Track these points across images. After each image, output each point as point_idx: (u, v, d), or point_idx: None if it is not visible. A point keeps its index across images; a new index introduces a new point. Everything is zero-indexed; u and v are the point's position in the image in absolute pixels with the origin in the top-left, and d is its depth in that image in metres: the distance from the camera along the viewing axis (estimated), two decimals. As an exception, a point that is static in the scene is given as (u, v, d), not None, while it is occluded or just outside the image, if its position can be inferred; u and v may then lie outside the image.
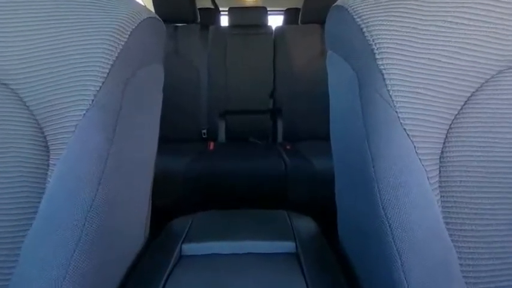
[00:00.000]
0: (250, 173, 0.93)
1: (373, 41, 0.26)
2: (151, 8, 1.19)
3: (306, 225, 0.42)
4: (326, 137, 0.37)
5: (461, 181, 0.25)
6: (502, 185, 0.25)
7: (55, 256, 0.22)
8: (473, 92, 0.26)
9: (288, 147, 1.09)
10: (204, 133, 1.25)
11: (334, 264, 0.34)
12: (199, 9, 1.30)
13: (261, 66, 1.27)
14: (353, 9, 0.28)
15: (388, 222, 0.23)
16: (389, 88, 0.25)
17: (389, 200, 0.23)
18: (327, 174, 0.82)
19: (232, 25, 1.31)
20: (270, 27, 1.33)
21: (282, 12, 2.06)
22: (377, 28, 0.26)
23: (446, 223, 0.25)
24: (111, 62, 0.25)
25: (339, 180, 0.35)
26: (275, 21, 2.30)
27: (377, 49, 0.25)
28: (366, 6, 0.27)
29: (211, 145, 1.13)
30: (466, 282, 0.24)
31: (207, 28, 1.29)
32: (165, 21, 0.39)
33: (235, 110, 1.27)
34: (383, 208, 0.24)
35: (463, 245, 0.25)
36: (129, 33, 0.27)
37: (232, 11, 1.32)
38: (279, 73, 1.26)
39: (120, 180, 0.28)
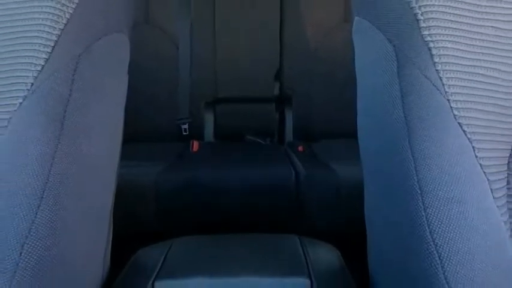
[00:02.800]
0: (248, 185, 0.92)
1: (417, 6, 0.26)
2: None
3: (324, 255, 0.43)
4: (352, 135, 0.38)
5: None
6: None
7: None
8: None
9: (300, 148, 1.10)
10: (185, 129, 1.24)
11: None
12: None
13: (262, 36, 1.27)
14: None
15: (437, 252, 0.24)
16: (438, 68, 0.25)
17: (438, 219, 0.24)
18: (354, 186, 0.82)
19: None
20: None
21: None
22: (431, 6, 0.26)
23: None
24: (56, 33, 0.26)
25: (370, 195, 0.35)
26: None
27: (422, 17, 0.26)
28: None
29: (195, 145, 1.13)
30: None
31: None
32: None
33: (228, 98, 1.27)
34: (430, 232, 0.24)
35: None
36: None
37: None
38: (287, 46, 1.26)
39: (69, 195, 0.29)
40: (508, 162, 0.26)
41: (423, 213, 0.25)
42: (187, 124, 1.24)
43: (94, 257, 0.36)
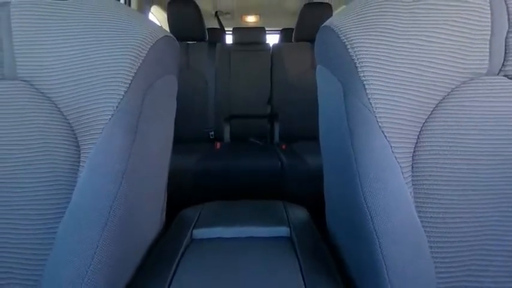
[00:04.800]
0: (251, 170, 0.92)
1: (356, 57, 0.26)
2: (167, 28, 1.20)
3: (299, 213, 0.43)
4: (317, 138, 0.37)
5: (430, 176, 0.26)
6: (465, 179, 0.25)
7: (82, 243, 0.22)
8: (441, 99, 0.27)
9: (283, 147, 1.09)
10: (211, 135, 1.25)
11: (322, 247, 0.34)
12: (208, 29, 1.31)
13: (260, 77, 1.28)
14: (338, 28, 0.28)
15: (369, 211, 0.23)
16: (369, 97, 0.25)
17: (369, 191, 0.24)
18: (317, 171, 0.82)
19: (236, 43, 1.32)
20: (268, 44, 1.33)
21: (278, 32, 2.07)
22: (359, 46, 0.26)
23: (418, 211, 0.25)
24: (132, 74, 0.26)
25: (327, 175, 0.35)
26: (273, 39, 2.30)
27: (359, 63, 0.26)
28: (349, 27, 0.28)
29: (218, 145, 1.13)
30: (434, 262, 0.24)
31: (215, 45, 1.29)
32: (178, 39, 0.39)
33: (238, 115, 1.27)
34: (364, 199, 0.24)
35: (432, 230, 0.25)
36: (147, 49, 0.27)
37: (236, 31, 1.33)
38: (275, 83, 1.27)
39: (140, 175, 0.29)
40: (412, 155, 0.26)
41: (360, 187, 0.24)
42: (213, 131, 1.25)
43: (156, 214, 0.36)
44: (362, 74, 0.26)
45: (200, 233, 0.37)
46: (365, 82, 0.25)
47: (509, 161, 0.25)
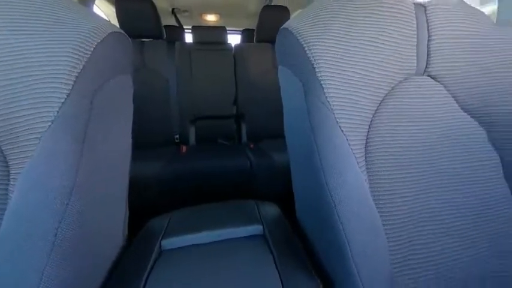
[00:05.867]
0: (220, 171, 0.90)
1: (313, 58, 0.27)
2: (116, 24, 1.08)
3: (270, 210, 0.43)
4: (283, 136, 0.38)
5: (381, 164, 0.29)
6: (406, 164, 0.30)
7: (24, 271, 0.19)
8: (384, 96, 0.30)
9: (251, 146, 1.10)
10: (176, 138, 1.18)
11: (294, 239, 0.36)
12: (165, 26, 1.23)
13: (224, 78, 1.26)
14: (296, 31, 0.30)
15: (333, 200, 0.25)
16: (327, 95, 0.27)
17: (332, 182, 0.25)
18: (285, 167, 0.85)
19: (196, 42, 1.27)
20: (229, 44, 1.32)
21: (239, 32, 2.07)
22: (315, 48, 0.28)
23: (373, 195, 0.28)
24: (75, 74, 0.22)
25: (294, 171, 0.36)
26: (233, 39, 2.30)
27: (316, 65, 0.27)
28: (306, 29, 0.29)
29: (184, 148, 1.08)
30: (388, 239, 0.28)
31: (173, 44, 1.22)
32: (130, 36, 0.36)
33: (204, 116, 1.23)
34: (328, 189, 0.25)
35: (384, 211, 0.28)
36: (94, 46, 0.24)
37: (195, 30, 1.28)
38: (239, 83, 1.27)
39: (94, 188, 0.25)
40: (365, 146, 0.29)
41: (323, 177, 0.26)
42: (178, 134, 1.18)
43: (116, 229, 0.33)
44: (319, 75, 0.27)
45: (170, 243, 0.35)
46: (322, 82, 0.27)
47: (436, 146, 0.31)
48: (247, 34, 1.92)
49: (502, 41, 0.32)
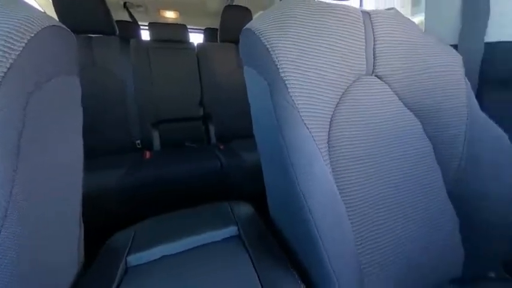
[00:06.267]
0: (190, 175, 0.86)
1: (277, 59, 0.28)
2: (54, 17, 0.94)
3: (244, 210, 0.43)
4: (252, 135, 0.38)
5: (342, 157, 0.32)
6: (364, 155, 0.33)
7: None
8: (342, 95, 0.33)
9: (221, 147, 1.08)
10: (138, 143, 1.08)
11: (269, 236, 0.36)
12: (117, 22, 1.11)
13: (187, 78, 1.21)
14: (260, 32, 0.30)
15: (303, 194, 0.27)
16: (291, 95, 0.28)
17: (301, 177, 0.27)
18: (256, 166, 0.85)
19: (155, 40, 1.19)
20: (192, 43, 1.27)
21: (202, 31, 2.01)
22: (278, 49, 0.29)
23: (338, 187, 0.30)
24: (1, 74, 0.19)
25: (265, 168, 0.37)
26: (196, 38, 2.22)
27: (280, 65, 0.28)
28: (269, 31, 0.30)
29: (148, 154, 1.00)
30: (352, 225, 0.30)
31: (128, 41, 1.12)
32: (75, 31, 0.31)
33: (168, 119, 1.16)
34: (298, 184, 0.27)
35: (348, 199, 0.31)
36: (25, 40, 0.20)
37: (153, 26, 1.19)
38: (205, 84, 1.23)
39: (36, 209, 0.21)
40: (327, 142, 0.31)
41: (294, 175, 0.27)
42: (139, 139, 1.09)
43: (68, 253, 0.28)
44: (283, 75, 0.28)
45: (137, 258, 0.32)
46: (286, 82, 0.28)
47: (385, 137, 0.35)
48: (210, 33, 1.88)
49: (428, 47, 0.38)
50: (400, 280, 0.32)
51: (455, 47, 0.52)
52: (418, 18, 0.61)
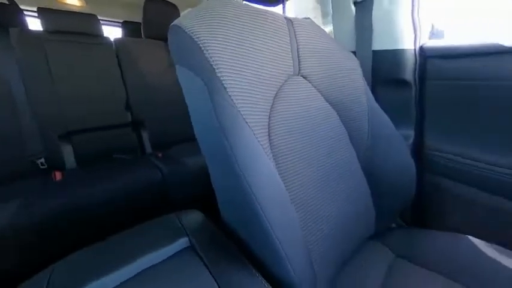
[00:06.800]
0: (125, 192, 0.74)
1: (211, 59, 0.28)
2: None
3: (194, 218, 0.41)
4: (193, 138, 0.37)
5: (282, 150, 0.35)
6: (299, 146, 0.37)
7: None
8: (276, 93, 0.36)
9: (159, 155, 0.98)
10: (41, 163, 0.84)
11: (222, 239, 0.36)
12: None
13: (105, 79, 1.02)
14: (191, 30, 0.29)
15: (250, 188, 0.27)
16: (230, 94, 0.29)
17: (248, 173, 0.28)
18: (201, 169, 0.81)
19: (53, 30, 0.94)
20: (108, 38, 1.08)
21: (119, 24, 1.74)
22: (212, 48, 0.29)
23: (280, 175, 0.33)
24: None
25: (212, 169, 0.36)
26: (111, 32, 1.89)
27: (215, 65, 0.28)
28: (201, 29, 0.29)
29: (58, 175, 0.79)
30: (295, 206, 0.34)
31: (6, 30, 0.84)
32: None
33: (84, 129, 0.95)
34: (245, 179, 0.27)
35: (291, 187, 0.34)
36: None
37: (44, 13, 0.94)
38: (130, 85, 1.07)
39: None
40: (268, 136, 0.33)
41: (238, 167, 0.28)
42: (43, 158, 0.84)
43: None
44: (220, 75, 0.28)
45: None
46: (223, 81, 0.28)
47: (314, 129, 0.40)
48: (131, 28, 1.64)
49: (338, 52, 0.47)
50: (333, 247, 0.38)
51: (354, 53, 0.66)
52: (328, 28, 0.73)
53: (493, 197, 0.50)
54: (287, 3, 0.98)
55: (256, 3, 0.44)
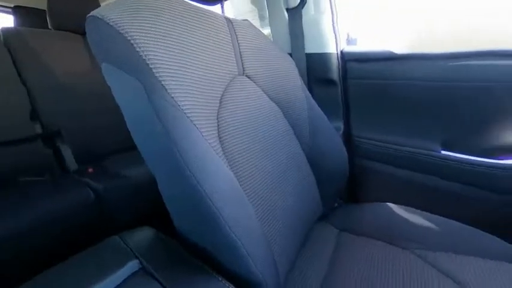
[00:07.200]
0: (51, 221, 0.59)
1: (146, 57, 0.26)
2: None
3: (142, 236, 0.37)
4: (131, 147, 0.33)
5: (235, 148, 0.35)
6: (250, 143, 0.38)
7: None
8: (223, 93, 0.36)
9: (90, 170, 0.82)
10: None
11: (179, 252, 0.33)
12: None
13: (2, 87, 0.77)
14: (117, 25, 0.25)
15: (204, 191, 0.27)
16: (172, 95, 0.27)
17: (197, 173, 0.26)
18: (145, 179, 0.73)
19: None
20: None
21: (9, 10, 1.35)
22: (145, 45, 0.26)
23: (235, 174, 0.33)
24: None
25: (159, 178, 0.33)
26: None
27: (151, 65, 0.26)
28: (131, 24, 0.26)
29: None
30: (251, 201, 0.34)
31: None
32: None
33: None
34: (197, 182, 0.26)
35: (244, 181, 0.34)
36: None
37: None
38: (36, 89, 0.84)
39: None
40: (218, 134, 0.32)
41: (187, 169, 0.26)
42: None
43: None
44: (158, 75, 0.26)
45: None
46: (163, 82, 0.26)
47: (262, 127, 0.42)
48: (31, 16, 1.30)
49: (278, 53, 0.50)
50: (290, 235, 0.41)
51: (290, 54, 0.72)
52: (266, 31, 0.77)
53: (405, 171, 0.64)
54: (225, 4, 0.98)
55: (193, 0, 0.42)
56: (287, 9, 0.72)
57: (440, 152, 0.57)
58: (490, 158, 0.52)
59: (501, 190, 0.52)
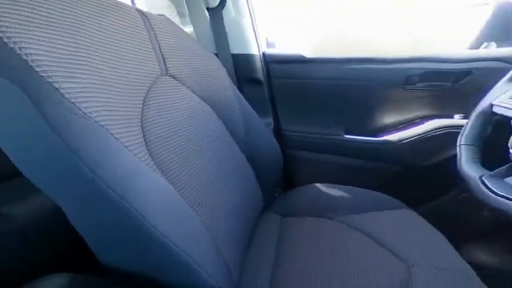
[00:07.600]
0: None
1: (32, 62, 0.20)
2: None
3: (51, 284, 0.28)
4: (13, 173, 0.26)
5: (166, 156, 0.32)
6: (186, 148, 0.36)
7: None
8: (144, 97, 0.32)
9: None
10: None
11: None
12: None
13: None
14: None
15: (132, 206, 0.23)
16: (72, 101, 0.22)
17: (123, 191, 0.23)
18: (46, 210, 0.56)
19: None
20: None
21: None
22: (27, 43, 0.21)
23: (170, 181, 0.30)
24: None
25: (67, 207, 0.26)
26: None
27: (36, 64, 0.20)
28: (5, 20, 0.19)
29: None
30: (191, 206, 0.32)
31: None
32: None
33: None
34: (122, 198, 0.23)
35: (182, 186, 0.32)
36: None
37: None
38: None
39: None
40: (144, 138, 0.29)
41: (115, 193, 0.23)
42: None
43: None
44: (50, 80, 0.21)
45: None
46: (56, 85, 0.21)
47: (195, 128, 0.40)
48: None
49: (203, 53, 0.49)
50: (237, 232, 0.41)
51: (216, 54, 0.72)
52: (188, 29, 0.74)
53: (325, 155, 0.76)
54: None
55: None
56: (207, 9, 0.71)
57: (344, 136, 0.73)
58: (375, 137, 0.69)
59: (387, 160, 0.70)
